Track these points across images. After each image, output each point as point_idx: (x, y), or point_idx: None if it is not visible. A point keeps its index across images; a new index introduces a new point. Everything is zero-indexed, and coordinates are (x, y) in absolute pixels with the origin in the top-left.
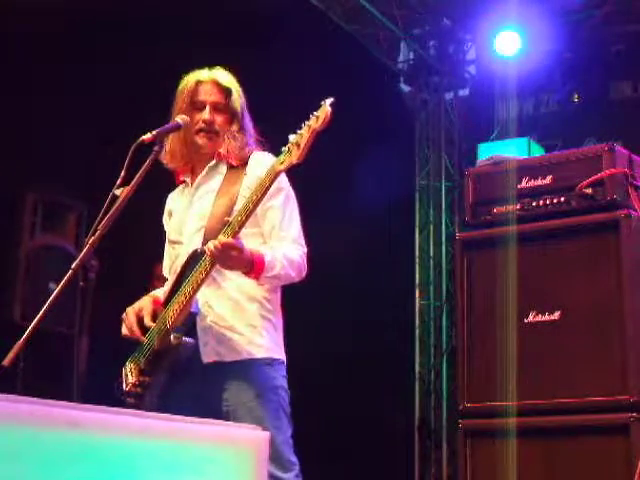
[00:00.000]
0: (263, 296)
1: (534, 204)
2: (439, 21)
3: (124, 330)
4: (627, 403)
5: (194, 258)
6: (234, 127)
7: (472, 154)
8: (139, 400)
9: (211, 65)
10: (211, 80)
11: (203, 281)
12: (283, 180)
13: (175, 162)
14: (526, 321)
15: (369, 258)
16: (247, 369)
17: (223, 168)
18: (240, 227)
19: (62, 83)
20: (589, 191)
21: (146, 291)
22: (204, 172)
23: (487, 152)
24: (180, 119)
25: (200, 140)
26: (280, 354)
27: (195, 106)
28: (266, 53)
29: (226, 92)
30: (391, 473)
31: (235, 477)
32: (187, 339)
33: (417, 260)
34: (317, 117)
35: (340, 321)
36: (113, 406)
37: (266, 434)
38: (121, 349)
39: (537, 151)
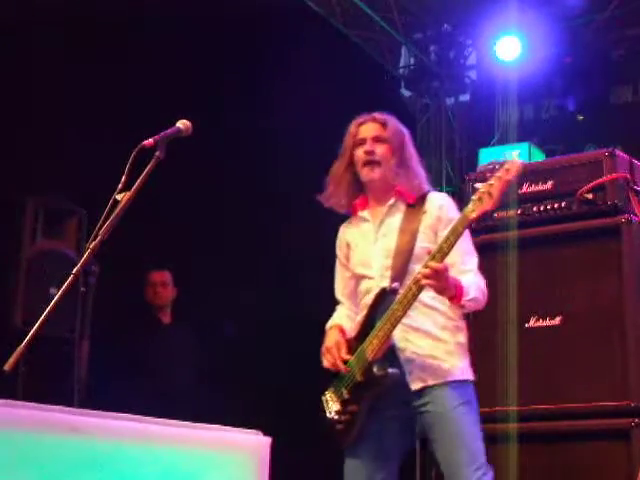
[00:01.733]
0: (453, 325)
1: (535, 209)
2: (440, 26)
3: (326, 363)
4: (628, 408)
5: (382, 295)
6: (395, 158)
7: (473, 159)
8: (350, 426)
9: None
10: (370, 118)
11: (401, 317)
12: (445, 201)
13: (347, 201)
14: (527, 326)
15: None
16: (448, 389)
17: (402, 206)
18: (443, 257)
19: (63, 87)
20: (590, 196)
21: (141, 297)
22: (385, 209)
23: (488, 157)
24: (180, 123)
25: (364, 173)
26: (472, 375)
27: (357, 144)
28: (267, 59)
29: (383, 125)
30: None
31: None
32: (392, 370)
33: None
34: (507, 169)
35: None
36: (114, 410)
37: (267, 439)
38: (120, 354)
39: (538, 156)
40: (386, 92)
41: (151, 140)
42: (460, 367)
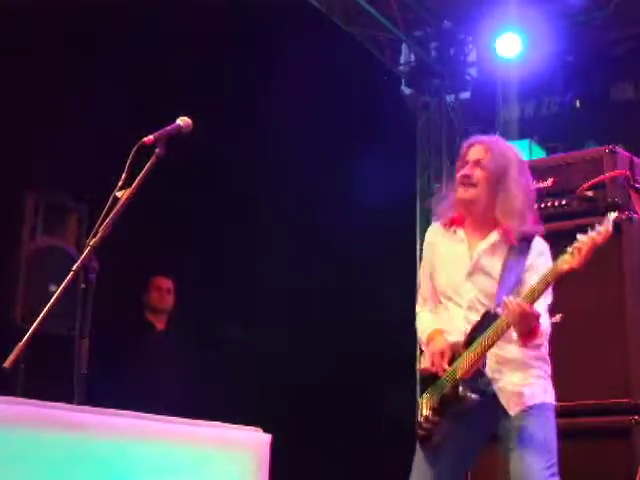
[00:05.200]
0: (542, 354)
1: (535, 207)
2: (440, 23)
3: (425, 365)
4: (629, 406)
5: (486, 319)
6: (492, 184)
7: None
8: (428, 436)
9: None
10: (477, 141)
11: (493, 343)
12: (546, 250)
13: (450, 213)
14: None
15: (370, 259)
16: (540, 412)
17: (504, 247)
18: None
19: (62, 83)
20: (590, 194)
21: (140, 300)
22: (486, 245)
23: None
24: (180, 120)
25: (459, 192)
26: (553, 399)
27: (462, 166)
28: (267, 55)
29: (486, 150)
30: (392, 476)
31: (235, 478)
32: (472, 395)
33: (418, 263)
34: (599, 232)
35: (340, 322)
36: (114, 408)
37: (267, 436)
38: (120, 352)
39: (538, 153)
40: (386, 90)
41: (151, 137)
42: (549, 391)
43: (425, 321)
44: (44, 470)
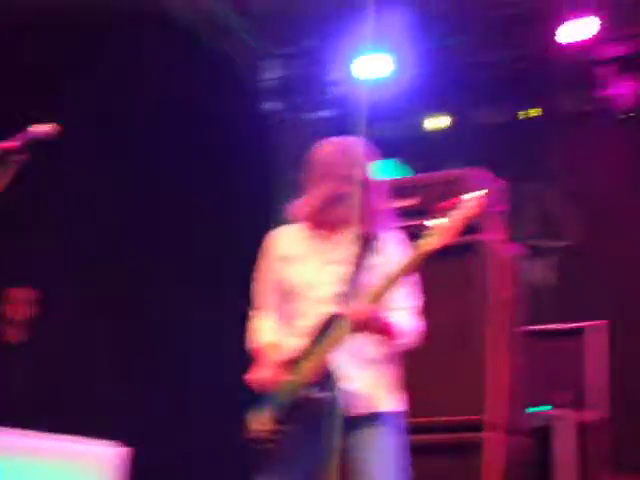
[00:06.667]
0: (385, 355)
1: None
2: (303, 41)
3: (257, 382)
4: (479, 422)
5: (331, 320)
6: (359, 195)
7: None
8: (277, 446)
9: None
10: (339, 152)
11: (340, 343)
12: (401, 241)
13: (308, 218)
14: None
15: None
16: (380, 421)
17: (358, 238)
18: (378, 298)
19: None
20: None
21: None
22: (339, 236)
23: None
24: (44, 126)
25: (329, 211)
26: (402, 406)
27: (324, 178)
28: (123, 71)
29: (351, 163)
30: None
31: None
32: (324, 394)
33: None
34: (471, 206)
35: None
36: None
37: (115, 450)
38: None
39: (399, 174)
40: (246, 105)
41: (16, 142)
42: (390, 399)
43: (262, 330)
44: None
